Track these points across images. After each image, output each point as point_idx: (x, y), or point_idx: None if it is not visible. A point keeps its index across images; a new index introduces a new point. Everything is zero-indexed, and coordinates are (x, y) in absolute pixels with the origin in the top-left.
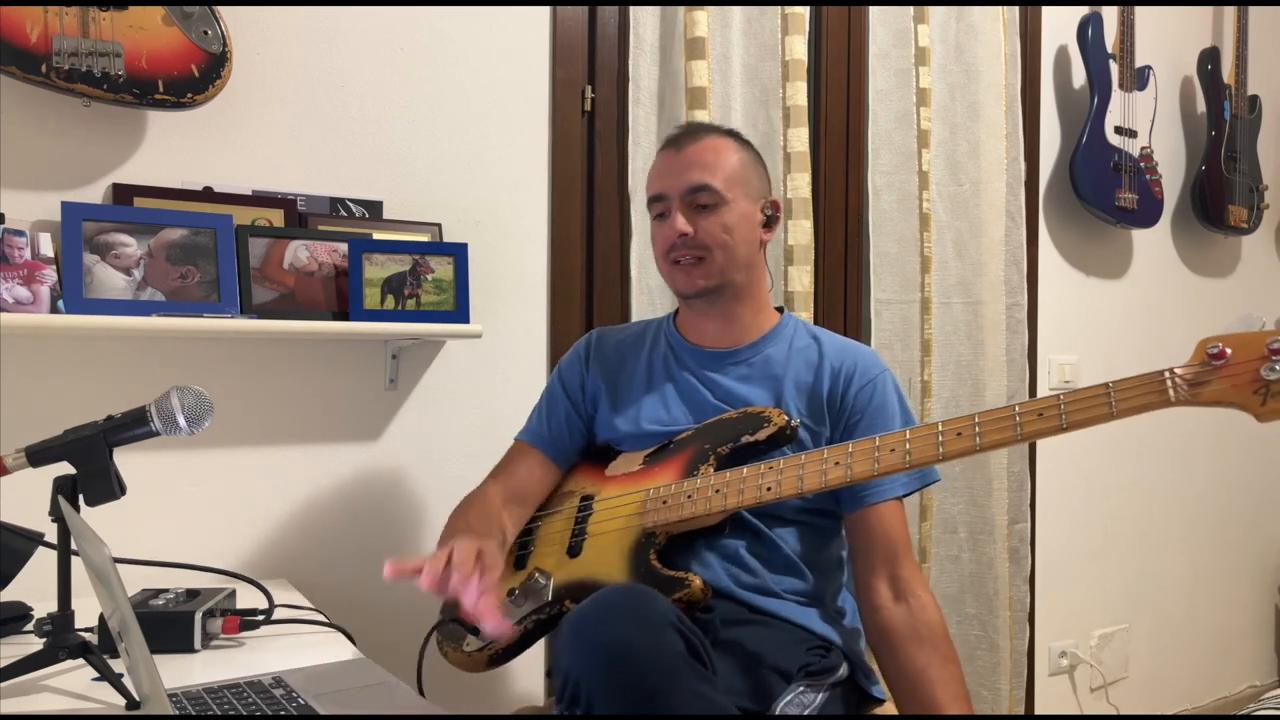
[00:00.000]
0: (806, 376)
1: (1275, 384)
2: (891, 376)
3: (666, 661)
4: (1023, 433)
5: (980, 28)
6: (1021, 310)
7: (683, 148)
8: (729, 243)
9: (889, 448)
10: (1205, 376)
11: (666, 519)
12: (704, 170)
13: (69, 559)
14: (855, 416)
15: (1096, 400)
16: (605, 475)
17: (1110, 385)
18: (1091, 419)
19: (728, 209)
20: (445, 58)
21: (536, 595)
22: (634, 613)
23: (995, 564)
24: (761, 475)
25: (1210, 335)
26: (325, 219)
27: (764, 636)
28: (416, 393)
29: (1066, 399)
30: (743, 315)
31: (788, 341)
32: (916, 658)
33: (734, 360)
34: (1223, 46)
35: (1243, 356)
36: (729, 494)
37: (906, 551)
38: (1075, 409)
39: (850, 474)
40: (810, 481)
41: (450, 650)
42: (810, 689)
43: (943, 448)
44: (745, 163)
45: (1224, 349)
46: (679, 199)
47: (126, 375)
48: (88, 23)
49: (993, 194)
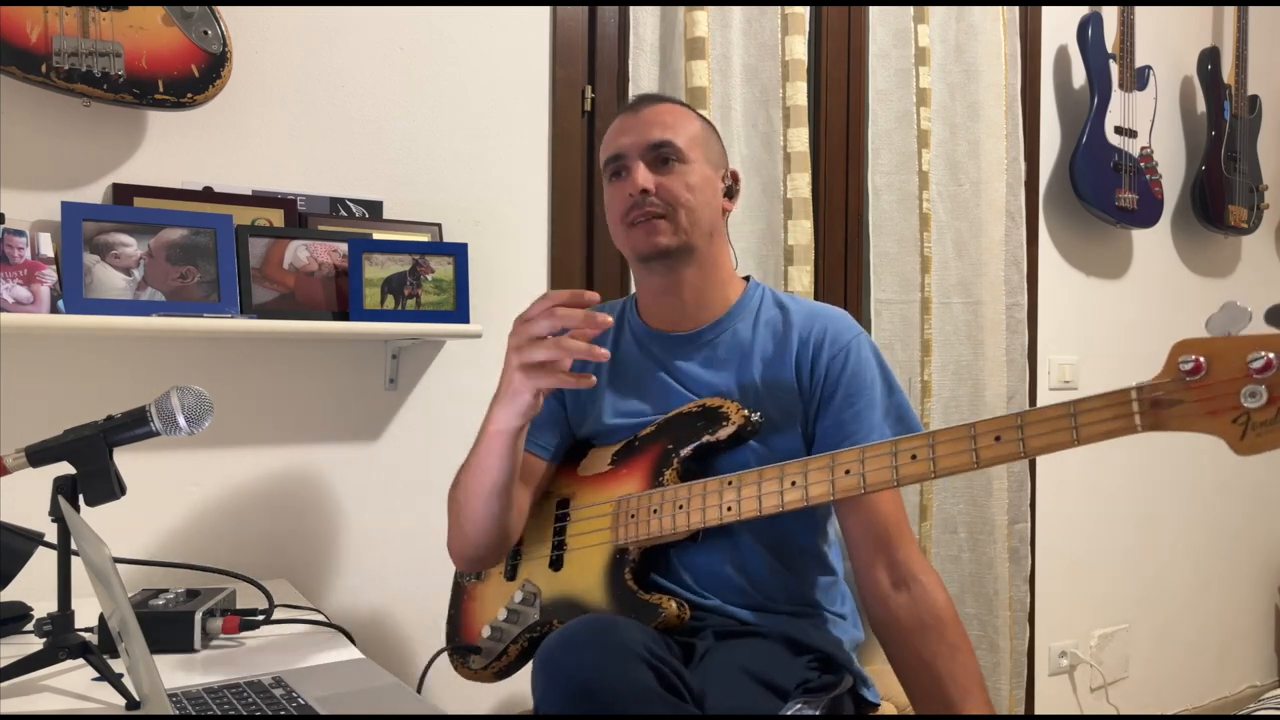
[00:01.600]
0: (774, 351)
1: (1258, 413)
2: (868, 340)
3: (635, 695)
4: (980, 459)
5: (980, 28)
6: (1021, 310)
7: (640, 110)
8: (692, 202)
9: (844, 469)
10: (1176, 395)
11: (636, 535)
12: (665, 129)
13: (69, 559)
14: (830, 389)
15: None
16: (578, 475)
17: (1073, 407)
18: (1053, 445)
19: (690, 168)
20: (445, 58)
21: (528, 613)
22: (602, 646)
23: (995, 564)
24: (722, 492)
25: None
26: (325, 219)
27: (758, 651)
28: (416, 393)
29: (1028, 418)
30: (705, 289)
31: (753, 315)
32: (922, 650)
33: (698, 343)
34: (1223, 46)
35: (1221, 374)
36: (691, 511)
37: (902, 533)
38: (1035, 433)
39: (807, 497)
40: (769, 503)
41: (459, 664)
42: (808, 705)
43: (898, 471)
44: (706, 129)
45: (1199, 360)
46: (639, 155)
47: (126, 375)
48: (88, 23)
49: (993, 194)
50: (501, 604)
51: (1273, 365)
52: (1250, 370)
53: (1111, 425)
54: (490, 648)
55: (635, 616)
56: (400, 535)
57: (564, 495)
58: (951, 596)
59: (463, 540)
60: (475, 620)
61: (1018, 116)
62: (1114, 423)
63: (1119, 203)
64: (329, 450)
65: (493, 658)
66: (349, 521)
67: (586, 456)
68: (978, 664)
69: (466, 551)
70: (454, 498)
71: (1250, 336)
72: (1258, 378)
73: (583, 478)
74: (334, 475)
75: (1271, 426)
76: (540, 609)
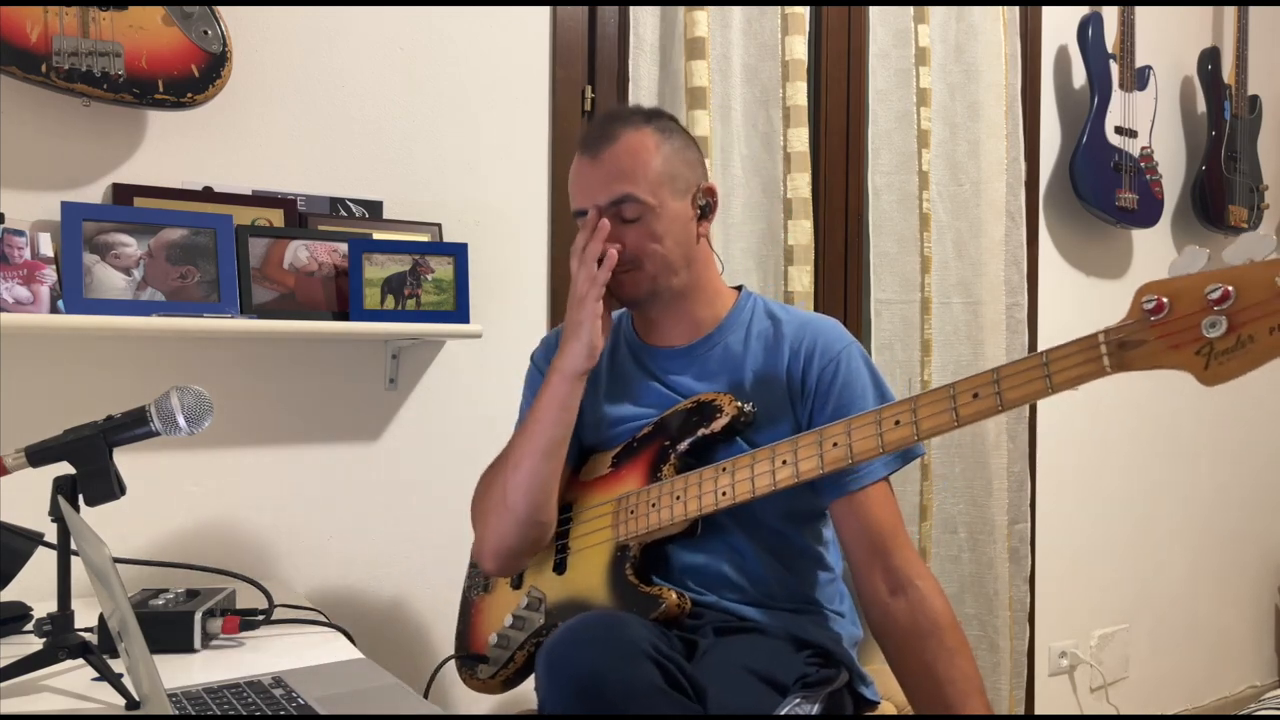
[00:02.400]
0: (766, 361)
1: (1219, 341)
2: (859, 350)
3: (640, 691)
4: (959, 416)
5: (980, 28)
6: (1021, 310)
7: (599, 154)
8: (658, 251)
9: (831, 441)
10: (1140, 335)
11: (636, 530)
12: (623, 179)
13: (69, 559)
14: (821, 398)
15: (1031, 373)
16: (579, 481)
17: (1045, 355)
18: (1028, 395)
19: (654, 216)
20: (445, 58)
21: (534, 618)
22: (606, 643)
23: (995, 564)
24: (717, 478)
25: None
26: (325, 219)
27: (757, 647)
28: (416, 393)
29: (1003, 372)
30: (693, 310)
31: (745, 327)
32: (921, 654)
33: (690, 357)
34: (1223, 46)
35: (1181, 309)
36: (688, 499)
37: (898, 538)
38: (1011, 385)
39: (798, 472)
40: (761, 483)
41: (468, 677)
42: (806, 700)
43: (883, 438)
44: (669, 157)
45: (1160, 300)
46: (602, 214)
47: (126, 375)
48: (88, 23)
49: (993, 194)
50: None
51: (1230, 295)
52: (1209, 301)
53: (1082, 370)
54: (497, 656)
55: (637, 609)
56: (400, 535)
57: (566, 501)
58: (951, 597)
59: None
60: (483, 632)
61: (1018, 116)
62: (1084, 367)
63: (1119, 203)
64: (329, 450)
65: (500, 665)
66: (349, 521)
67: (587, 463)
68: (977, 668)
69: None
70: (488, 495)
71: (1207, 273)
72: (1216, 309)
73: (584, 483)
74: (334, 475)
75: (1232, 354)
76: (546, 613)
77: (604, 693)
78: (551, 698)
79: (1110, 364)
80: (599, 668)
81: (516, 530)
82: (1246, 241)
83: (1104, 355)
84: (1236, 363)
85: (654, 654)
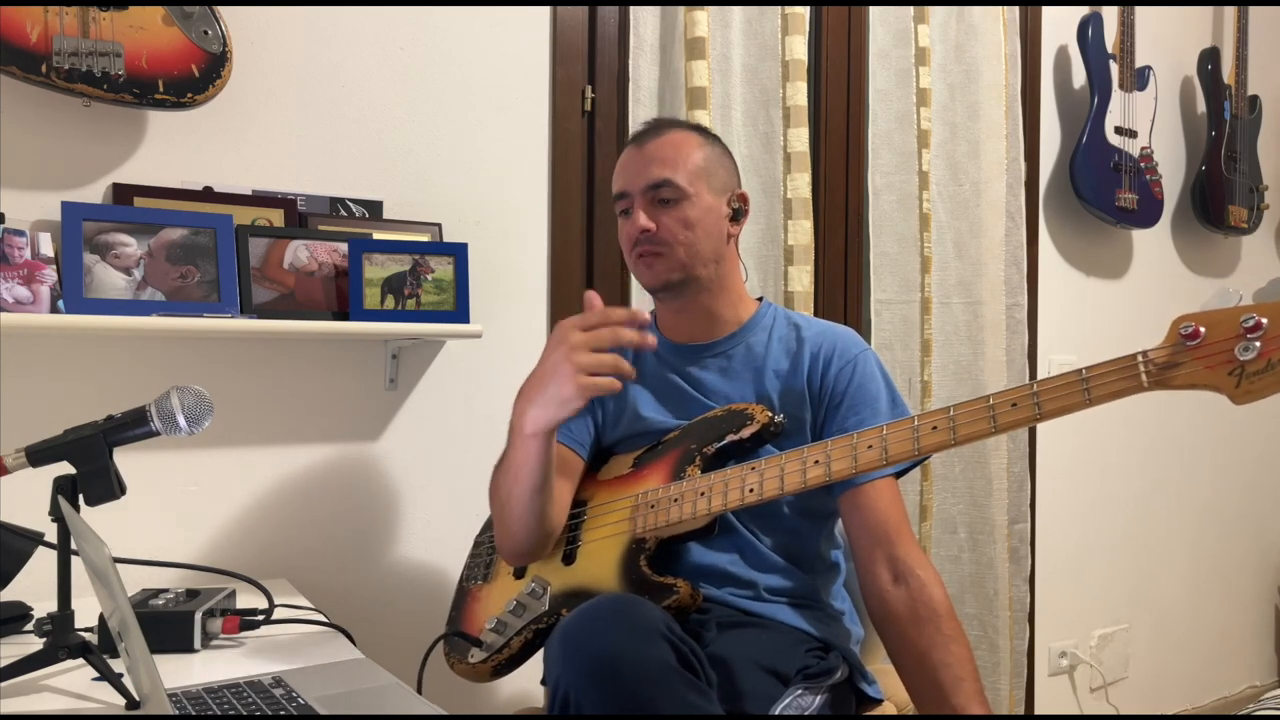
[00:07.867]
0: (786, 364)
1: (1250, 364)
2: (874, 356)
3: (655, 671)
4: (998, 425)
5: (980, 28)
6: (1021, 310)
7: (645, 144)
8: (690, 238)
9: (866, 444)
10: (1178, 358)
11: (655, 524)
12: (665, 166)
13: (69, 559)
14: (836, 399)
15: (1070, 389)
16: (597, 479)
17: (1084, 372)
18: (1067, 408)
19: (689, 203)
20: (445, 58)
21: (536, 605)
22: (623, 623)
23: (995, 564)
24: (744, 476)
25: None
26: (325, 219)
27: (760, 639)
28: (416, 393)
29: (1041, 387)
30: (716, 309)
31: (767, 331)
32: (919, 640)
33: (713, 353)
34: (1223, 46)
35: (1216, 336)
36: (713, 496)
37: (903, 531)
38: (1050, 398)
39: (829, 472)
40: (791, 481)
41: (456, 661)
42: (808, 691)
43: (919, 442)
44: (710, 157)
45: (1197, 328)
46: (641, 195)
47: (126, 375)
48: (88, 23)
49: (993, 194)
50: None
51: (1262, 325)
52: (1244, 329)
53: (1119, 386)
54: (492, 640)
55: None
56: (400, 535)
57: (581, 497)
58: (951, 597)
59: (512, 540)
60: (478, 619)
61: (1018, 116)
62: (1122, 384)
63: (1119, 203)
64: (329, 450)
65: (493, 650)
66: (349, 521)
67: (608, 463)
68: (972, 654)
69: (518, 548)
70: (495, 498)
71: (1242, 306)
72: (1249, 336)
73: (602, 481)
74: (334, 475)
75: (1263, 375)
76: (549, 600)
77: (619, 672)
78: (566, 676)
79: (1149, 382)
80: (614, 647)
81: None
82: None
83: (1142, 374)
84: (1265, 382)
85: (669, 634)
